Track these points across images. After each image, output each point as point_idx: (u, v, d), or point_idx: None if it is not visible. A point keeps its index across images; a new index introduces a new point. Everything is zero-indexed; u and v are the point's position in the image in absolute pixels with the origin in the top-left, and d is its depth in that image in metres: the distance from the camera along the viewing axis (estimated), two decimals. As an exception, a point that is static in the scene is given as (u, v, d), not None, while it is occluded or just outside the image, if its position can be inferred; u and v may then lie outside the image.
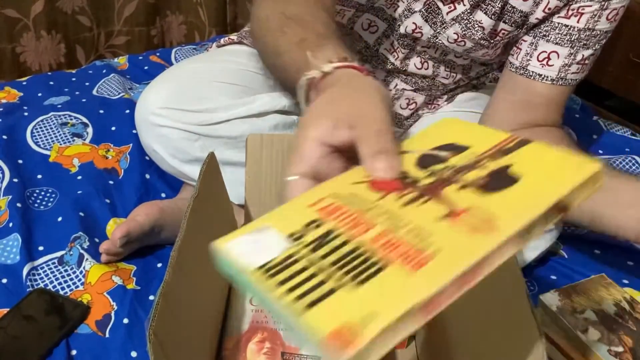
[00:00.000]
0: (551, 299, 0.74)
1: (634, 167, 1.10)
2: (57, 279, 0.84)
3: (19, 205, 0.93)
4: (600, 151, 1.16)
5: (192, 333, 0.54)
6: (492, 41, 0.83)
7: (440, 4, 0.81)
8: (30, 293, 0.81)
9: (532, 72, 0.81)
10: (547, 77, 0.80)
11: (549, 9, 0.78)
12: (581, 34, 0.77)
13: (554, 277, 0.90)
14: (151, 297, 0.84)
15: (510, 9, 0.79)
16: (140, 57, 1.40)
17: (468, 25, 0.81)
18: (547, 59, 0.80)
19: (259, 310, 0.63)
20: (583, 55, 0.79)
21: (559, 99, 0.83)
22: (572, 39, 0.78)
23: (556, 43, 0.79)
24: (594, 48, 0.79)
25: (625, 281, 0.88)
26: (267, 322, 0.62)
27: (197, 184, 0.60)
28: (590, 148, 1.16)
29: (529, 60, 0.81)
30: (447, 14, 0.81)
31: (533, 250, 0.87)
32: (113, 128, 1.14)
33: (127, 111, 1.15)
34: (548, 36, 0.79)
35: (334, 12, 0.71)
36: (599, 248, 0.96)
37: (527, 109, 0.83)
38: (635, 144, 1.17)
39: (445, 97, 0.99)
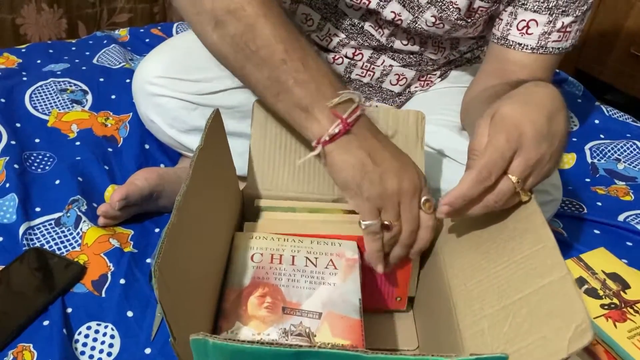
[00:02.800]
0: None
1: (635, 152, 1.11)
2: (53, 240, 0.83)
3: (16, 166, 0.92)
4: (602, 136, 1.16)
5: (194, 278, 0.53)
6: (469, 20, 0.82)
7: None
8: (24, 252, 0.80)
9: (512, 41, 0.80)
10: (527, 45, 0.79)
11: None
12: (559, 1, 0.76)
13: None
14: (149, 260, 0.83)
15: None
16: (142, 30, 1.39)
17: (443, 7, 0.79)
18: (526, 28, 0.79)
19: (260, 267, 0.62)
20: (563, 23, 0.77)
21: (541, 68, 0.81)
22: (550, 6, 0.76)
23: (534, 11, 0.77)
24: (574, 15, 0.77)
25: (625, 261, 0.88)
26: (269, 279, 0.61)
27: (202, 136, 0.60)
28: (592, 133, 1.16)
29: (509, 29, 0.80)
30: None
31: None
32: (113, 96, 1.13)
33: (128, 80, 1.14)
34: (526, 4, 0.78)
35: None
36: (599, 228, 0.96)
37: (507, 78, 0.81)
38: (636, 130, 1.17)
39: (438, 72, 0.98)
